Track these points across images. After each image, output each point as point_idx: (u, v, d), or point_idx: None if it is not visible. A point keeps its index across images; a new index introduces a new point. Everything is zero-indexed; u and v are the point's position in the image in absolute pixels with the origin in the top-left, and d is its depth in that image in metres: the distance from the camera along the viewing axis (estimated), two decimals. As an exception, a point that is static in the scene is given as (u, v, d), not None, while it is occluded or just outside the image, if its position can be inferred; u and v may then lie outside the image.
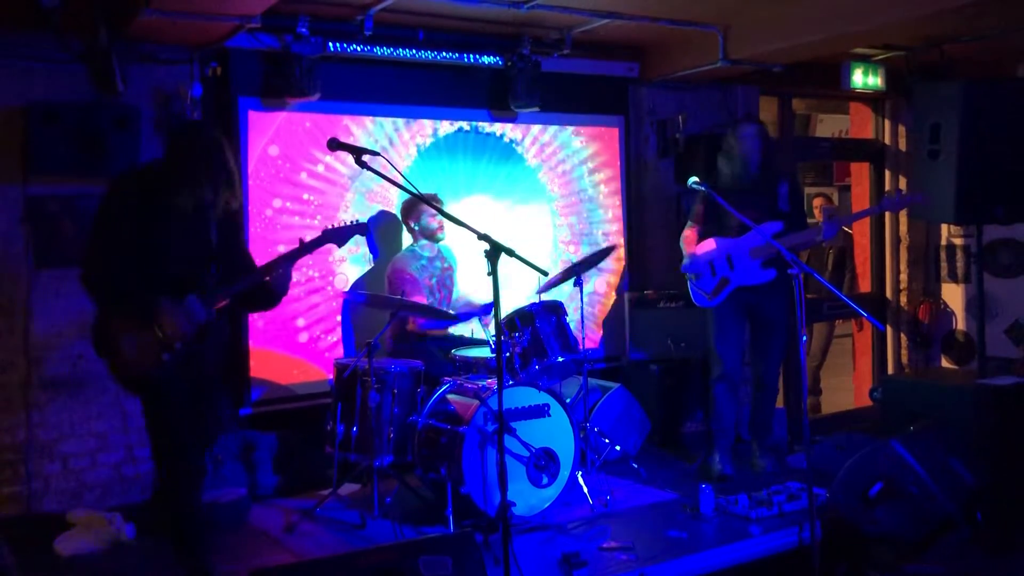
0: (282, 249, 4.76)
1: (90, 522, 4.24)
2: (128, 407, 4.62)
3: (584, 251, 5.92)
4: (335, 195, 5.25)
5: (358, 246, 5.27)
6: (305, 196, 5.15)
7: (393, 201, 5.41)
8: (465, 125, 5.63)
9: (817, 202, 8.17)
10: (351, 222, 3.87)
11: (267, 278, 3.65)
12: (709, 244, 4.95)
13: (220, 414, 3.87)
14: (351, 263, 5.31)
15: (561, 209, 6.01)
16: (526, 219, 5.87)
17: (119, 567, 3.99)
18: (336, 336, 5.27)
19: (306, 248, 3.73)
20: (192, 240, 3.53)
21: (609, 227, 6.19)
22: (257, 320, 4.97)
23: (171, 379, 3.50)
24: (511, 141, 5.80)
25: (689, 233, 5.06)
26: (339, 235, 3.82)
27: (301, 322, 5.15)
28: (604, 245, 5.96)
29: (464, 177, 5.64)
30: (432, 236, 5.12)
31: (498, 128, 5.74)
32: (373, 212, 5.35)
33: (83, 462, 4.63)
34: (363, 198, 5.33)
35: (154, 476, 3.94)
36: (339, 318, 5.28)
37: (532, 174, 5.89)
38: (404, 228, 5.24)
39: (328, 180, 5.22)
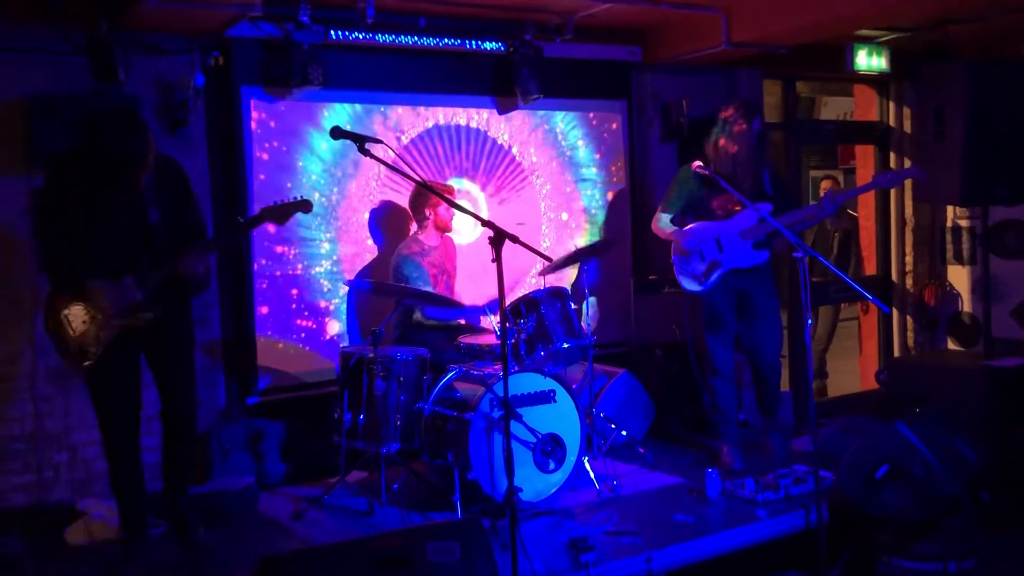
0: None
1: (100, 511, 4.26)
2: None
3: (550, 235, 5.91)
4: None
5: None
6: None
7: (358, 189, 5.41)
8: (439, 118, 5.52)
9: (825, 184, 8.16)
10: (293, 198, 3.87)
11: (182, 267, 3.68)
12: (693, 228, 4.89)
13: (190, 397, 3.97)
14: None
15: (546, 194, 5.99)
16: (513, 207, 5.85)
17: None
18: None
19: (243, 227, 3.85)
20: (126, 221, 3.63)
21: (587, 210, 6.20)
22: (260, 299, 5.00)
23: (111, 357, 3.64)
24: (485, 130, 5.69)
25: (664, 218, 4.99)
26: (278, 213, 3.81)
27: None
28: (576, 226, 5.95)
29: (440, 173, 5.58)
30: (444, 227, 5.12)
31: (465, 119, 5.61)
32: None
33: (92, 452, 4.64)
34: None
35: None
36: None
37: (514, 159, 5.82)
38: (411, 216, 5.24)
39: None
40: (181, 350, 3.92)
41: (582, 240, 6.01)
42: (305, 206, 3.86)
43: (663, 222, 4.99)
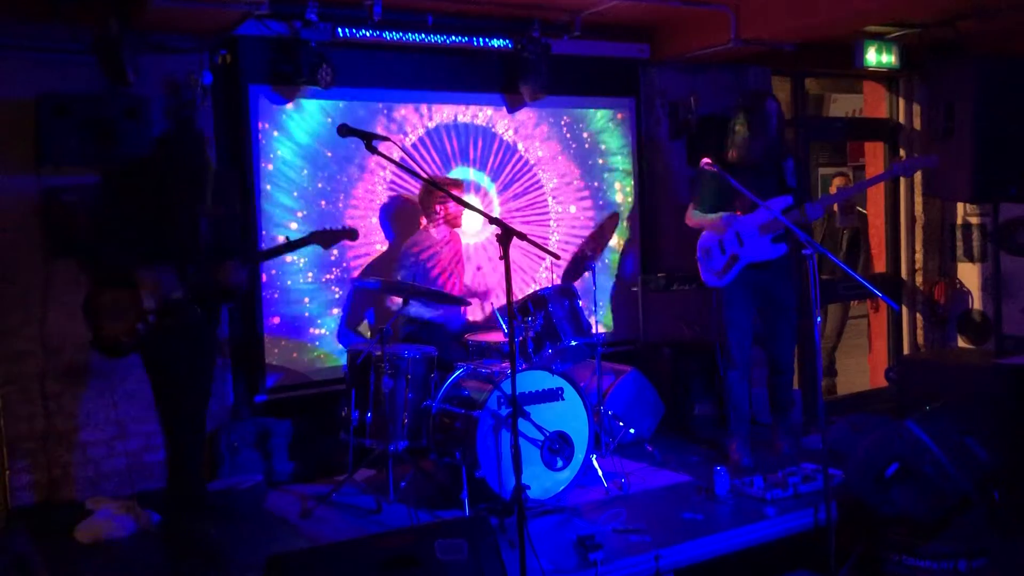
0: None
1: (109, 509, 4.28)
2: (148, 395, 4.64)
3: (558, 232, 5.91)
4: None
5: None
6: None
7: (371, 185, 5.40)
8: (445, 116, 5.51)
9: (837, 181, 8.13)
10: (341, 227, 4.06)
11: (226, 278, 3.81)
12: (717, 223, 4.90)
13: (205, 398, 4.02)
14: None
15: (553, 189, 5.98)
16: (520, 204, 5.83)
17: (138, 554, 4.03)
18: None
19: (289, 247, 3.97)
20: (179, 228, 3.75)
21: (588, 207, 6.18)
22: (272, 309, 5.01)
23: (163, 351, 3.77)
24: (492, 128, 5.68)
25: (697, 213, 5.00)
26: (326, 238, 4.00)
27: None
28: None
29: (447, 170, 5.56)
30: (454, 221, 5.12)
31: (471, 116, 5.60)
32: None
33: (101, 450, 4.67)
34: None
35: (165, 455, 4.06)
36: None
37: (521, 157, 5.81)
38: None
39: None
40: (204, 352, 3.96)
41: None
42: (351, 234, 4.07)
43: (696, 215, 5.00)
